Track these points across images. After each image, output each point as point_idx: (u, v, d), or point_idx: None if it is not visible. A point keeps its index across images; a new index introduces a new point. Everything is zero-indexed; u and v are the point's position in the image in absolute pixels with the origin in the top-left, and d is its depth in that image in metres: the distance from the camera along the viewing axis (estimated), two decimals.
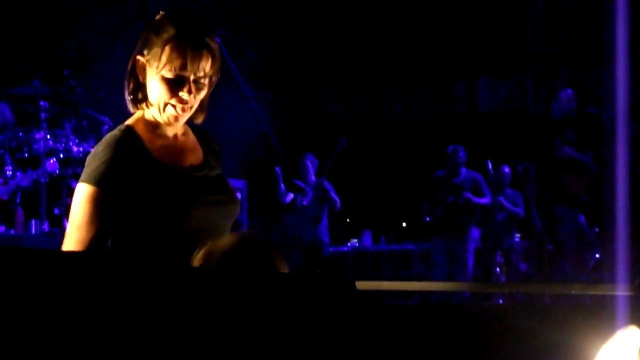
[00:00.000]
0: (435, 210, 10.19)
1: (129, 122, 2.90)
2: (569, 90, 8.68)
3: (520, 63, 11.99)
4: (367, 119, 12.76)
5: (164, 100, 2.80)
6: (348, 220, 12.57)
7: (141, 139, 2.83)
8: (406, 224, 12.85)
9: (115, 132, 2.84)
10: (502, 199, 10.52)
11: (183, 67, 2.75)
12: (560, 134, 8.45)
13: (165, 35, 2.75)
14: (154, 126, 2.89)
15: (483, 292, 8.81)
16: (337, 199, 10.12)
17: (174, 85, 2.77)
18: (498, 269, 10.35)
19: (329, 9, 11.54)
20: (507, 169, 10.61)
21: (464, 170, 10.36)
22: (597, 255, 9.93)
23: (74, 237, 2.74)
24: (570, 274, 8.73)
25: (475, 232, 11.14)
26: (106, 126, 8.31)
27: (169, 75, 2.76)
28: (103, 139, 2.83)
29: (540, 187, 8.87)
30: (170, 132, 2.92)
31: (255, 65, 10.31)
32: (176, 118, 2.84)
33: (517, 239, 10.72)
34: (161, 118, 2.85)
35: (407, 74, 12.79)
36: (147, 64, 2.80)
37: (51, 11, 10.04)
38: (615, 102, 8.07)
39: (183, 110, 2.82)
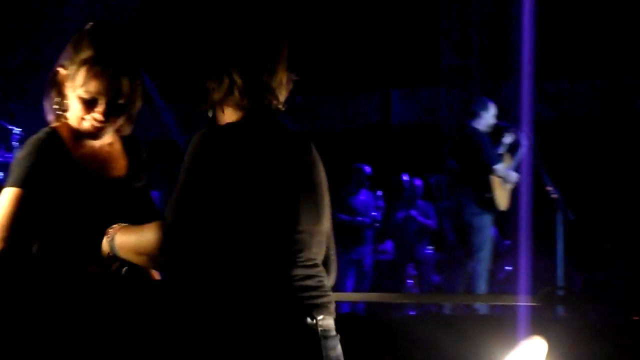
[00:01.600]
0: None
1: (54, 125, 2.86)
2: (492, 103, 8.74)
3: (434, 76, 12.10)
4: None
5: (79, 116, 2.79)
6: None
7: (65, 144, 2.81)
8: None
9: (40, 134, 2.80)
10: (414, 212, 10.57)
11: (98, 91, 2.74)
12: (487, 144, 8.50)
13: (83, 56, 2.73)
14: (78, 133, 2.85)
15: (395, 302, 8.82)
16: None
17: (90, 105, 2.76)
18: (411, 281, 10.37)
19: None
20: (419, 182, 10.66)
21: (363, 192, 10.37)
22: (508, 268, 10.06)
23: None
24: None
25: (388, 245, 11.18)
26: (17, 136, 8.15)
27: (85, 96, 2.75)
28: (27, 142, 2.80)
29: (454, 198, 8.93)
30: (94, 140, 2.88)
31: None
32: (93, 134, 2.83)
33: (429, 251, 10.77)
34: (83, 132, 2.84)
35: (320, 85, 12.81)
36: (67, 78, 2.78)
37: None
38: (521, 117, 8.19)
39: (98, 127, 2.81)
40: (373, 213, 10.31)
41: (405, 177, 10.65)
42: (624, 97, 12.24)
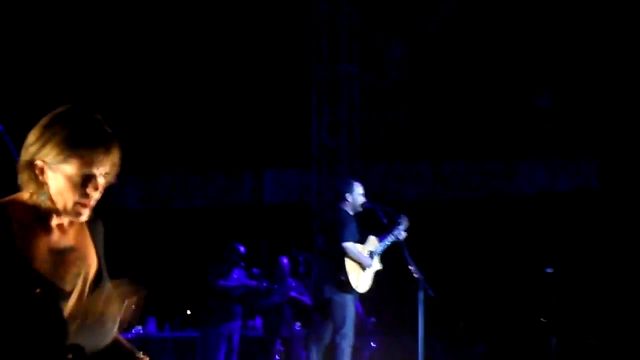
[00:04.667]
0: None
1: (6, 199, 2.62)
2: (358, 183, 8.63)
3: (305, 157, 12.04)
4: (155, 209, 12.56)
5: (72, 201, 2.56)
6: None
7: (18, 225, 2.54)
8: (190, 311, 12.66)
9: None
10: (294, 293, 10.42)
11: (91, 165, 2.56)
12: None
13: (77, 143, 2.54)
14: (34, 208, 2.60)
15: None
16: None
17: (83, 183, 2.55)
18: (277, 357, 10.14)
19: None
20: (285, 260, 10.52)
21: (237, 271, 10.17)
22: (373, 344, 9.98)
23: None
24: None
25: (258, 321, 10.99)
26: None
27: (76, 173, 2.54)
28: None
29: (315, 275, 8.83)
30: (53, 220, 2.60)
31: None
32: (79, 215, 2.58)
33: (297, 327, 10.59)
34: (65, 215, 2.59)
35: (194, 164, 12.64)
36: (48, 167, 2.55)
37: None
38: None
39: (88, 206, 2.59)
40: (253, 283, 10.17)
41: (284, 259, 10.52)
42: (490, 181, 12.42)
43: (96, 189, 2.58)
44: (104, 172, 2.58)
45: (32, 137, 2.58)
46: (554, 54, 11.46)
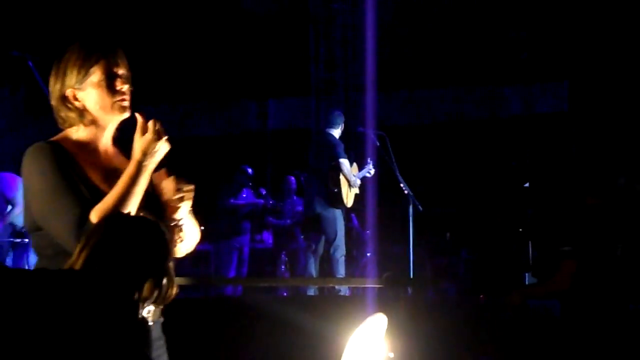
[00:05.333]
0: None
1: (54, 139, 2.78)
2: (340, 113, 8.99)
3: (304, 87, 12.23)
4: (170, 136, 12.52)
5: (110, 101, 2.75)
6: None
7: (72, 156, 2.72)
8: (204, 227, 12.83)
9: (41, 143, 2.72)
10: (299, 208, 10.72)
11: (110, 67, 2.74)
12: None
13: (83, 55, 2.73)
14: (81, 141, 2.78)
15: (265, 285, 9.02)
16: None
17: (110, 83, 2.73)
18: (283, 267, 10.49)
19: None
20: (292, 179, 10.80)
21: (245, 191, 10.48)
22: (369, 254, 10.24)
23: None
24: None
25: (265, 235, 11.29)
26: None
27: (101, 78, 2.72)
28: (28, 151, 2.70)
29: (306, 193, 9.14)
30: (100, 144, 2.82)
31: None
32: (124, 108, 2.78)
33: (301, 240, 10.91)
34: (114, 116, 2.79)
35: (205, 96, 12.77)
36: (77, 90, 2.74)
37: None
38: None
39: (126, 99, 2.78)
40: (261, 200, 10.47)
41: (291, 178, 10.79)
42: (466, 106, 12.61)
43: (124, 83, 2.77)
44: (122, 73, 2.77)
45: (51, 79, 2.79)
46: None
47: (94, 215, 2.55)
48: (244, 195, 10.55)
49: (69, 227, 2.54)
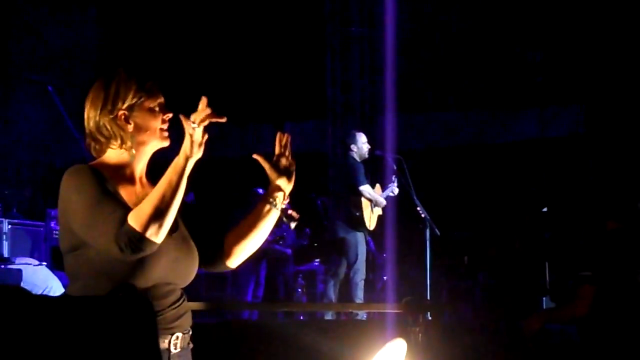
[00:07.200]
0: None
1: (91, 163, 2.84)
2: (361, 133, 8.99)
3: (320, 110, 12.27)
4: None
5: (157, 128, 2.83)
6: None
7: (108, 179, 2.76)
8: None
9: (78, 165, 2.77)
10: (307, 230, 10.70)
11: (158, 97, 2.85)
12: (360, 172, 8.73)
13: (135, 81, 2.82)
14: (117, 167, 2.84)
15: (282, 310, 8.99)
16: None
17: (158, 111, 2.84)
18: (299, 290, 10.47)
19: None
20: (319, 202, 10.77)
21: None
22: (385, 277, 10.22)
23: None
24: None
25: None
26: None
27: (154, 105, 2.83)
28: (67, 172, 2.74)
29: (329, 217, 9.13)
30: (136, 172, 2.87)
31: None
32: (166, 138, 2.87)
33: (316, 263, 10.90)
34: (157, 143, 2.86)
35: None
36: (130, 111, 2.81)
37: None
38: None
39: (167, 129, 2.87)
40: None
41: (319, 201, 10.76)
42: (483, 129, 12.61)
43: (168, 113, 2.87)
44: (163, 103, 2.88)
45: (96, 102, 2.83)
46: (546, 10, 11.59)
47: (132, 216, 2.59)
48: None
49: (113, 228, 2.57)
